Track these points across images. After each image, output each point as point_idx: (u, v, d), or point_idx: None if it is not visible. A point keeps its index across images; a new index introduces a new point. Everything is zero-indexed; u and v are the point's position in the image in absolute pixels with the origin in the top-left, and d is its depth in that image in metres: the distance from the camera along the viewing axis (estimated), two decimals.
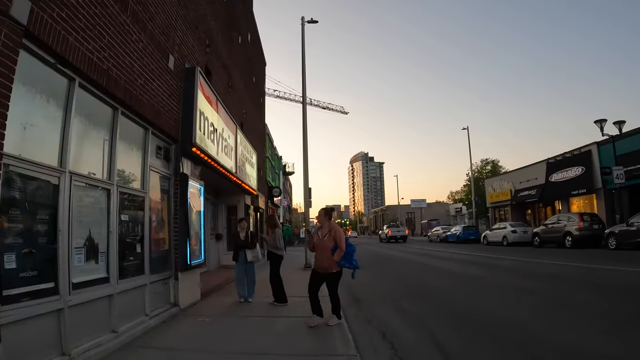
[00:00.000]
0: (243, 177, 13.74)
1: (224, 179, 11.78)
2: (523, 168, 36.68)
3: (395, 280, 12.40)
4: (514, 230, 27.60)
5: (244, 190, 14.56)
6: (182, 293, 8.07)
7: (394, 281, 12.25)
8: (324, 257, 6.48)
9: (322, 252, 6.51)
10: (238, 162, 12.92)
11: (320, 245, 6.53)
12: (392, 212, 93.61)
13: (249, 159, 15.32)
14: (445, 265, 16.49)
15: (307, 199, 16.34)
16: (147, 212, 7.03)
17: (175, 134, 8.26)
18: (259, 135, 21.07)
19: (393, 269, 15.84)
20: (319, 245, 6.55)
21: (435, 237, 41.17)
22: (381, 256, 23.98)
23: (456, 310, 7.60)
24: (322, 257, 6.50)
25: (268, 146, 54.73)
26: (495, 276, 12.24)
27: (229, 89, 13.53)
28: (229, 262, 14.74)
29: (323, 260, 6.49)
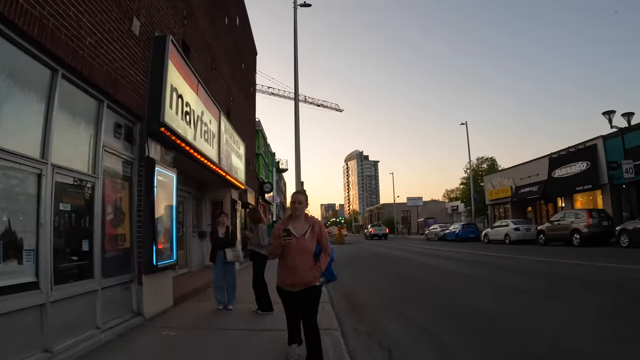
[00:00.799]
0: (228, 169, 12.44)
1: (205, 169, 10.48)
2: (524, 164, 35.54)
3: (397, 283, 11.15)
4: (517, 228, 26.39)
5: (229, 183, 13.26)
6: (147, 300, 6.76)
7: (396, 283, 11.00)
8: (303, 266, 4.13)
9: (300, 258, 4.14)
10: (222, 152, 11.62)
11: (297, 248, 4.15)
12: (387, 211, 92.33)
13: (236, 150, 14.02)
14: (448, 265, 15.25)
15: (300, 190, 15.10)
16: (98, 201, 5.71)
17: (140, 112, 6.96)
18: (248, 127, 19.76)
19: (393, 270, 14.59)
20: (294, 249, 4.15)
21: (433, 236, 39.91)
22: (380, 255, 22.73)
23: (474, 322, 6.33)
24: (301, 266, 4.13)
25: (261, 143, 53.47)
26: (508, 278, 11.00)
27: (212, 70, 12.22)
28: None
29: (301, 272, 4.13)
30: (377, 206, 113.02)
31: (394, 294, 9.12)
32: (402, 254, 22.46)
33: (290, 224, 4.26)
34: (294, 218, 4.33)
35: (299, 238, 4.15)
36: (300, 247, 4.14)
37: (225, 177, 12.05)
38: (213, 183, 13.46)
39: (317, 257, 4.22)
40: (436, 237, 38.62)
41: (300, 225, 4.26)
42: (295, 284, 4.17)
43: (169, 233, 7.47)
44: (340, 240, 41.26)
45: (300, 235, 4.17)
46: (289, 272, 4.19)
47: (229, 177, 12.36)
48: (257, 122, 52.95)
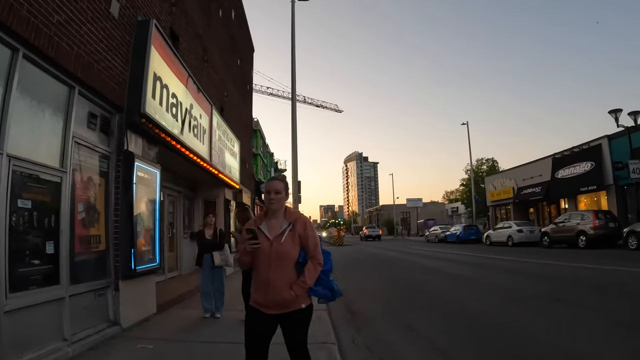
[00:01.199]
0: (221, 167, 11.84)
1: (194, 166, 9.88)
2: (527, 164, 34.92)
3: (399, 287, 10.54)
4: (520, 230, 25.77)
5: (222, 182, 12.65)
6: (125, 307, 6.14)
7: (397, 288, 10.40)
8: (280, 280, 2.92)
9: (276, 268, 2.93)
10: (214, 148, 11.02)
11: (270, 255, 2.95)
12: (387, 212, 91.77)
13: (230, 148, 13.42)
14: (451, 268, 14.64)
15: (297, 194, 14.45)
16: (66, 198, 5.10)
17: (119, 101, 6.36)
18: (244, 125, 19.16)
19: (394, 273, 13.98)
20: (267, 255, 2.95)
21: (433, 237, 39.26)
22: (380, 258, 22.13)
23: (486, 333, 5.71)
24: (276, 280, 2.91)
25: (259, 143, 52.89)
26: (515, 282, 10.38)
27: (204, 63, 11.61)
28: None
29: (277, 287, 2.91)
30: (377, 207, 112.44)
31: (396, 300, 8.52)
32: (403, 256, 21.86)
33: (264, 222, 3.07)
34: (269, 214, 3.09)
35: (274, 241, 2.94)
36: (275, 253, 2.91)
37: (217, 176, 11.44)
38: (205, 182, 12.86)
39: (302, 266, 2.98)
40: (436, 239, 37.98)
41: (277, 223, 3.04)
42: (270, 304, 2.92)
43: (151, 234, 6.85)
44: (340, 242, 40.64)
45: (276, 237, 2.96)
46: (261, 287, 2.96)
47: (221, 176, 11.76)
48: (255, 122, 52.47)
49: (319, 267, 3.02)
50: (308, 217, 3.42)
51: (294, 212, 3.20)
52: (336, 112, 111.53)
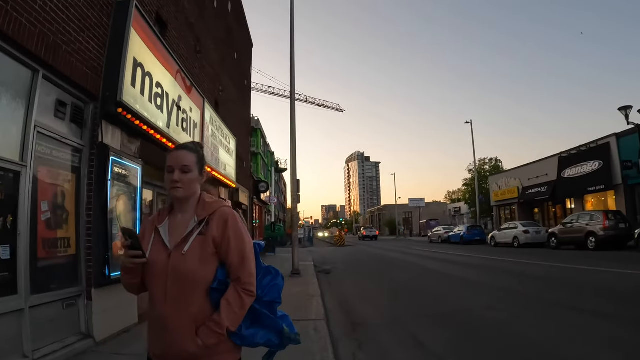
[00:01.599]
0: (214, 164, 11.19)
1: None
2: (532, 164, 34.23)
3: (403, 292, 9.89)
4: (526, 231, 25.08)
5: (216, 181, 12.01)
6: (99, 318, 5.49)
7: (402, 294, 9.74)
8: (181, 318, 1.71)
9: (173, 298, 1.73)
10: (206, 144, 10.38)
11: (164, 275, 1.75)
12: (389, 212, 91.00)
13: (225, 145, 12.78)
14: (458, 271, 13.98)
15: (295, 193, 13.78)
16: (25, 195, 4.45)
17: (94, 89, 5.72)
18: (242, 122, 18.51)
19: (398, 276, 13.33)
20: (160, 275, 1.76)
21: (436, 238, 38.57)
22: (382, 260, 21.46)
23: (511, 354, 5.05)
24: (176, 318, 1.71)
25: (260, 142, 52.28)
26: (532, 288, 9.72)
27: (196, 54, 10.96)
28: None
29: (179, 332, 1.71)
30: (379, 207, 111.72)
31: (402, 308, 7.85)
32: (406, 258, 21.20)
33: (167, 219, 1.89)
34: (175, 207, 1.91)
35: (173, 251, 1.77)
36: (172, 271, 1.74)
37: (210, 174, 10.78)
38: None
39: (219, 295, 1.75)
40: (440, 240, 37.29)
41: (183, 222, 1.84)
42: (167, 356, 1.76)
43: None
44: (341, 242, 39.97)
45: (177, 245, 1.78)
46: (155, 329, 1.81)
47: (215, 174, 11.11)
48: (255, 121, 51.91)
49: (247, 297, 1.75)
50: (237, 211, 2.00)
51: (213, 202, 1.89)
52: (338, 112, 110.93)
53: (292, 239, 13.53)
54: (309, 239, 41.52)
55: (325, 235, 58.02)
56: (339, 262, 19.69)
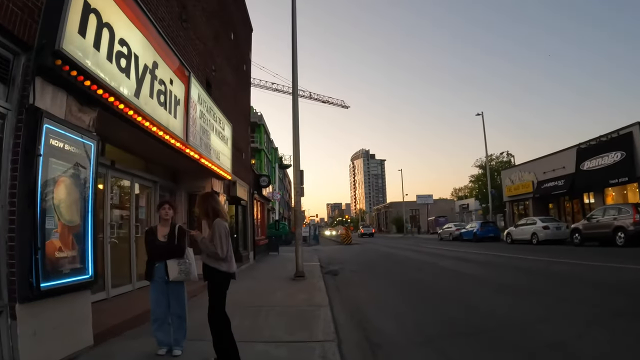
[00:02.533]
0: (204, 151, 9.71)
1: (161, 145, 7.71)
2: (548, 156, 32.52)
3: (428, 299, 8.35)
4: (546, 226, 23.47)
5: (208, 171, 10.53)
6: (30, 343, 4.01)
7: (425, 301, 8.19)
8: None
9: None
10: (193, 126, 8.90)
11: None
12: (395, 209, 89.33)
13: (219, 130, 11.29)
14: (481, 272, 12.49)
15: (298, 185, 12.28)
16: None
17: (26, 36, 4.25)
18: (240, 111, 16.99)
19: (415, 278, 11.82)
20: None
21: (447, 235, 36.92)
22: (394, 259, 19.92)
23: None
24: None
25: (263, 138, 50.85)
26: (582, 292, 8.18)
27: (180, 23, 9.47)
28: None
29: None
30: (385, 205, 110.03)
31: (428, 321, 6.32)
32: (419, 257, 19.66)
33: None
34: None
35: None
36: None
37: (198, 161, 9.31)
38: (187, 170, 10.77)
39: None
40: (451, 237, 35.67)
41: None
42: None
43: (77, 233, 4.68)
44: (348, 240, 38.43)
45: None
46: None
47: (204, 161, 9.62)
48: (259, 116, 50.50)
49: None
50: None
51: None
52: (342, 109, 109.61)
53: (296, 237, 12.06)
54: (314, 237, 40.06)
55: (333, 234, 56.36)
56: (346, 262, 18.19)
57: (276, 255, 21.98)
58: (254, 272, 13.77)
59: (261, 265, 16.28)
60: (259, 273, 13.66)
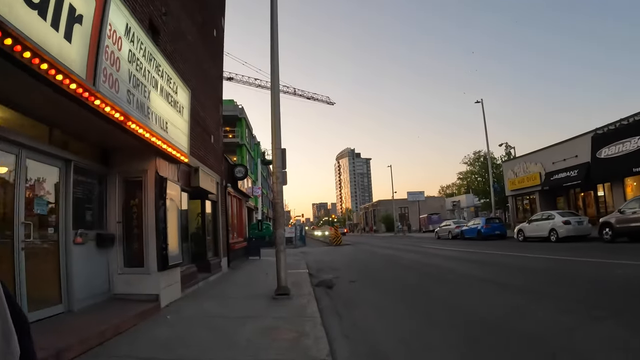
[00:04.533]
0: (137, 114, 6.43)
1: (54, 92, 4.50)
2: (557, 145, 29.76)
3: (472, 331, 5.22)
4: (567, 221, 20.51)
5: (149, 147, 7.26)
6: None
7: (470, 333, 5.08)
8: None
9: None
10: (110, 66, 5.63)
11: None
12: (384, 207, 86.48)
13: (167, 91, 8.01)
14: (522, 281, 9.48)
15: (280, 169, 9.06)
16: None
17: None
18: (208, 83, 13.54)
19: (438, 293, 8.72)
20: None
21: (445, 234, 33.85)
22: (396, 262, 16.77)
23: None
24: None
25: (245, 133, 47.45)
26: None
27: None
28: (129, 289, 7.70)
29: None
30: (373, 203, 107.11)
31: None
32: (425, 259, 16.53)
33: None
34: None
35: None
36: None
37: (122, 125, 6.02)
38: (123, 147, 7.51)
39: None
40: (450, 235, 32.63)
41: None
42: None
43: None
44: (338, 241, 35.15)
45: None
46: None
47: (135, 127, 6.31)
48: (240, 109, 47.11)
49: None
50: None
51: None
52: (327, 105, 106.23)
53: (276, 240, 8.85)
54: (300, 238, 36.78)
55: (323, 234, 52.95)
56: (341, 268, 15.01)
57: (257, 259, 18.69)
58: (223, 287, 10.48)
59: (236, 275, 12.99)
60: (229, 287, 10.39)
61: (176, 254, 8.18)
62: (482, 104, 34.67)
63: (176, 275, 8.38)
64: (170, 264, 7.71)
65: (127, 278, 7.55)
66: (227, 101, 44.22)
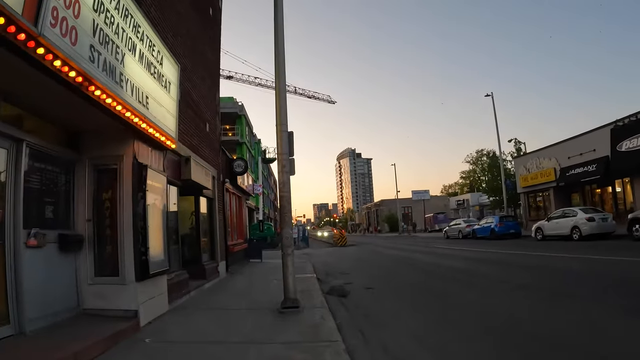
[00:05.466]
0: (106, 79, 4.99)
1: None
2: (573, 139, 28.24)
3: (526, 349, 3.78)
4: (591, 218, 19.09)
5: (124, 125, 5.82)
6: None
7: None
8: None
9: None
10: (64, 10, 4.19)
11: None
12: (387, 207, 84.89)
13: (149, 60, 6.56)
14: (570, 287, 8.00)
15: (288, 157, 7.60)
16: None
17: None
18: (201, 61, 12.02)
19: (465, 299, 7.26)
20: None
21: (455, 233, 32.33)
22: (412, 264, 15.33)
23: None
24: None
25: (245, 130, 46.00)
26: None
27: None
28: (101, 303, 6.26)
29: None
30: (376, 203, 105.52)
31: None
32: (444, 262, 15.05)
33: None
34: None
35: None
36: None
37: (80, 88, 4.58)
38: (96, 127, 6.09)
39: None
40: (460, 235, 31.15)
41: None
42: None
43: None
44: (343, 242, 33.61)
45: None
46: None
47: (97, 92, 4.86)
48: (240, 106, 45.67)
49: None
50: None
51: None
52: (328, 105, 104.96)
53: (283, 242, 7.37)
54: (303, 239, 35.29)
55: (325, 235, 51.34)
56: (351, 271, 13.55)
57: (259, 262, 17.22)
58: (220, 296, 9.00)
59: (235, 281, 11.52)
60: (227, 297, 8.90)
61: (160, 260, 6.70)
62: (492, 97, 33.18)
63: (161, 284, 6.91)
64: (152, 272, 6.23)
65: (99, 290, 6.09)
66: (226, 98, 42.97)
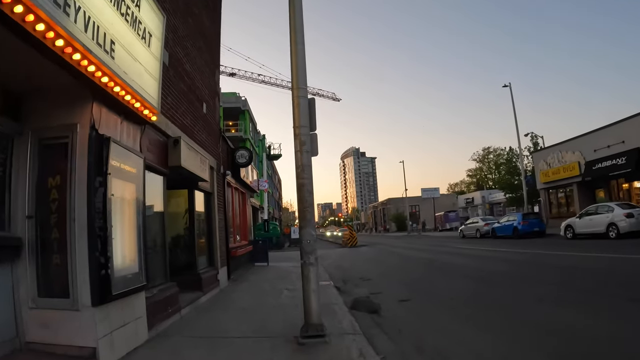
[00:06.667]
0: (52, 10, 3.19)
1: None
2: (599, 130, 26.23)
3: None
4: (630, 214, 17.20)
5: (76, 77, 4.03)
6: None
7: None
8: None
9: None
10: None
11: None
12: (394, 206, 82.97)
13: (128, 11, 4.77)
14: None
15: (307, 131, 5.77)
16: None
17: None
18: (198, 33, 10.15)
19: (542, 314, 5.41)
20: None
21: (472, 232, 30.36)
22: (440, 268, 13.49)
23: None
24: None
25: (249, 126, 44.21)
26: None
27: None
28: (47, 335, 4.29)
29: None
30: (383, 201, 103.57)
31: None
32: (477, 264, 13.21)
33: None
34: None
35: None
36: None
37: (16, 19, 2.78)
38: (34, 78, 4.28)
39: None
40: (478, 234, 29.22)
41: None
42: None
43: None
44: (353, 242, 31.59)
45: None
46: None
47: (19, 9, 3.07)
48: (243, 101, 43.92)
49: None
50: None
51: None
52: (332, 103, 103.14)
53: (302, 247, 5.51)
54: None
55: (332, 234, 49.38)
56: (373, 277, 11.73)
57: (265, 266, 15.40)
58: (219, 316, 7.09)
59: (239, 293, 9.65)
60: (227, 317, 7.00)
61: (131, 273, 4.78)
62: (511, 88, 31.23)
63: (136, 306, 5.02)
64: (116, 292, 4.33)
65: (44, 316, 4.28)
66: (229, 93, 41.36)
